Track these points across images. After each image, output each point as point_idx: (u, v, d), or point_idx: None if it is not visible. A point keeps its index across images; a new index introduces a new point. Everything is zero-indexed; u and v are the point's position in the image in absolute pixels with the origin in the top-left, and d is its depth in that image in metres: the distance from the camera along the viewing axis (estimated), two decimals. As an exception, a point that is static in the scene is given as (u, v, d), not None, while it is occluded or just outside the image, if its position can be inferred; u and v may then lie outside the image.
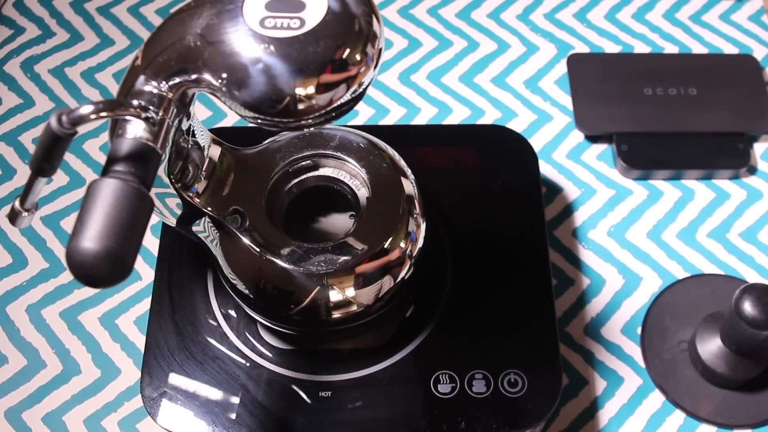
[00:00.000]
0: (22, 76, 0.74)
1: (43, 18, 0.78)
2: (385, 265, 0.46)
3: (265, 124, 0.34)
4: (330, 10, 0.32)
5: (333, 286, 0.45)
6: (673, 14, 0.77)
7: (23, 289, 0.63)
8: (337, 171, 0.49)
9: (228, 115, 0.72)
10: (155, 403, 0.49)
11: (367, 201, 0.48)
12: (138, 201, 0.29)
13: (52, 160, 0.31)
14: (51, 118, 0.30)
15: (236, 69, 0.32)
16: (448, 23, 0.77)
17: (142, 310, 0.62)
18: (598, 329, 0.61)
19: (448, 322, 0.51)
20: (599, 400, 0.58)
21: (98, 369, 0.59)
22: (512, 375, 0.49)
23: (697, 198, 0.67)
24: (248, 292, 0.47)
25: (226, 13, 0.32)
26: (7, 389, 0.59)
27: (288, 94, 0.32)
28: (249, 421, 0.48)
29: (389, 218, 0.46)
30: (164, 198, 0.41)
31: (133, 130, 0.32)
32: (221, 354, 0.50)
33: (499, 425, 0.48)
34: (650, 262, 0.64)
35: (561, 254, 0.64)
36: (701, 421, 0.57)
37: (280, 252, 0.45)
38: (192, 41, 0.33)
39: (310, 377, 0.49)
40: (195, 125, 0.42)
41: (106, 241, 0.28)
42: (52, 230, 0.66)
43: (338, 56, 0.32)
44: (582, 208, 0.66)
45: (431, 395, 0.49)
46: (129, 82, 0.35)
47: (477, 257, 0.53)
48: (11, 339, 0.61)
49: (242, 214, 0.45)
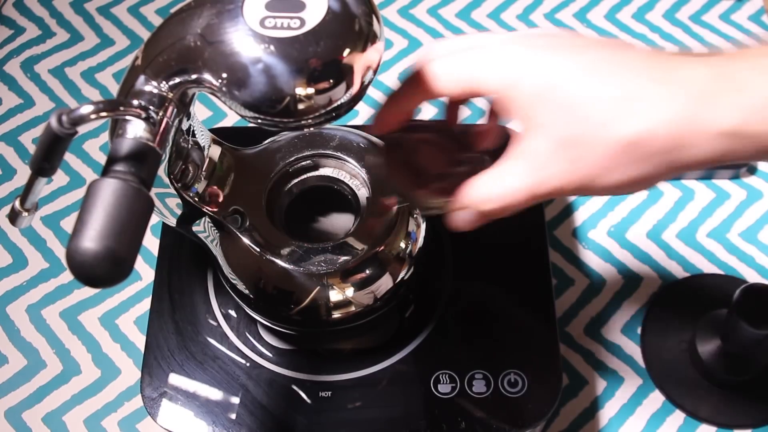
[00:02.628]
0: (22, 76, 0.74)
1: (43, 18, 0.78)
2: (385, 265, 0.46)
3: (265, 124, 0.34)
4: (330, 10, 0.32)
5: (333, 286, 0.45)
6: (673, 14, 0.77)
7: (23, 289, 0.63)
8: (337, 171, 0.49)
9: (228, 115, 0.72)
10: (155, 403, 0.49)
11: (367, 201, 0.48)
12: (138, 201, 0.29)
13: (52, 160, 0.31)
14: (51, 118, 0.30)
15: (236, 69, 0.32)
16: (448, 23, 0.77)
17: (142, 310, 0.62)
18: (598, 329, 0.61)
19: (448, 322, 0.51)
20: (599, 400, 0.58)
21: (98, 369, 0.59)
22: (512, 375, 0.49)
23: (697, 198, 0.67)
24: (248, 292, 0.47)
25: (226, 13, 0.32)
26: (7, 389, 0.59)
27: (288, 94, 0.32)
28: (249, 421, 0.48)
29: (389, 218, 0.46)
30: (164, 198, 0.41)
31: (133, 130, 0.32)
32: (221, 354, 0.50)
33: (499, 425, 0.48)
34: (650, 262, 0.64)
35: (561, 254, 0.64)
36: (701, 421, 0.57)
37: (280, 252, 0.45)
38: (192, 41, 0.33)
39: (310, 377, 0.49)
40: (195, 125, 0.42)
41: (106, 241, 0.28)
42: (52, 230, 0.66)
43: (338, 56, 0.32)
44: (582, 208, 0.66)
45: (431, 395, 0.49)
46: (129, 82, 0.35)
47: (477, 257, 0.53)
48: (11, 339, 0.61)
49: (242, 214, 0.45)
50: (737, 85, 0.32)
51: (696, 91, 0.32)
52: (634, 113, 0.33)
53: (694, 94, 0.32)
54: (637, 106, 0.33)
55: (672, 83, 0.33)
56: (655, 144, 0.33)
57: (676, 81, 0.33)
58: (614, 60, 0.34)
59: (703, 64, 0.33)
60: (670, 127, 0.32)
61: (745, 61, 0.32)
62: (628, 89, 0.33)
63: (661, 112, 0.32)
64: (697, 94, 0.32)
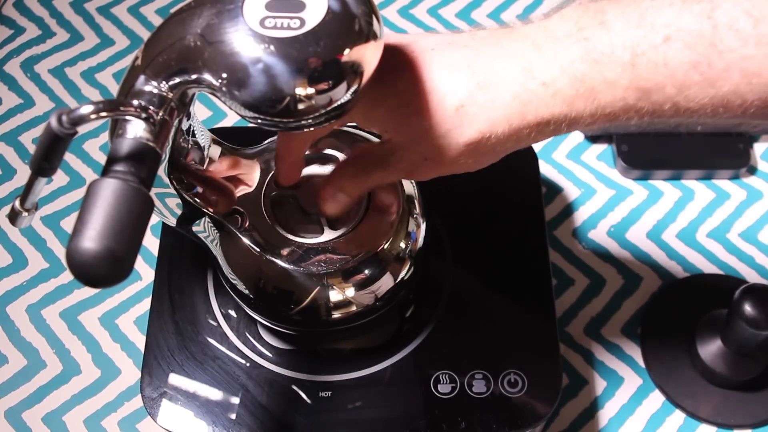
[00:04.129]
0: (22, 76, 0.74)
1: (43, 18, 0.78)
2: (385, 265, 0.46)
3: (265, 124, 0.34)
4: (330, 10, 0.32)
5: (333, 286, 0.45)
6: (673, 14, 0.77)
7: (23, 289, 0.63)
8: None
9: (228, 115, 0.72)
10: (155, 403, 0.49)
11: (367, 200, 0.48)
12: (138, 201, 0.29)
13: (52, 160, 0.31)
14: (51, 118, 0.30)
15: (236, 69, 0.32)
16: (448, 23, 0.77)
17: (142, 310, 0.62)
18: (598, 329, 0.61)
19: (448, 322, 0.51)
20: (599, 400, 0.58)
21: (98, 369, 0.59)
22: (512, 375, 0.49)
23: (697, 198, 0.67)
24: (248, 292, 0.47)
25: (226, 13, 0.32)
26: (7, 389, 0.59)
27: (288, 94, 0.32)
28: (249, 421, 0.48)
29: (389, 218, 0.46)
30: (164, 198, 0.41)
31: (133, 130, 0.32)
32: (221, 354, 0.50)
33: (499, 425, 0.48)
34: (650, 262, 0.64)
35: (561, 254, 0.64)
36: (701, 421, 0.57)
37: (280, 252, 0.45)
38: (192, 41, 0.33)
39: (310, 377, 0.49)
40: (195, 125, 0.42)
41: (106, 241, 0.28)
42: (52, 230, 0.66)
43: (338, 56, 0.32)
44: (582, 208, 0.66)
45: (431, 395, 0.49)
46: (129, 82, 0.35)
47: (477, 257, 0.53)
48: (11, 339, 0.61)
49: (242, 214, 0.45)
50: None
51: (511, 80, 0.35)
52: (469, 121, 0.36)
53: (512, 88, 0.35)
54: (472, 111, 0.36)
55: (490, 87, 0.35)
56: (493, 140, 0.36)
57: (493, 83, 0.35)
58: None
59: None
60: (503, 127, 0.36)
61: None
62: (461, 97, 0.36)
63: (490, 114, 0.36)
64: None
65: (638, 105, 0.34)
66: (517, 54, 0.35)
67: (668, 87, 0.32)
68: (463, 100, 0.35)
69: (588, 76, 0.33)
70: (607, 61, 0.33)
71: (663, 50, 0.32)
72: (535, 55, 0.35)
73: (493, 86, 0.35)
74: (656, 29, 0.32)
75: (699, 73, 0.32)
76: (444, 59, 0.36)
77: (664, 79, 0.32)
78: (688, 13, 0.31)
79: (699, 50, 0.31)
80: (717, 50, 0.31)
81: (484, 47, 0.36)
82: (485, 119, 0.35)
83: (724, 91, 0.32)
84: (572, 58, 0.34)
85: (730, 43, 0.31)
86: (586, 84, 0.34)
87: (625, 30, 0.32)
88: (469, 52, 0.36)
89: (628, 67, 0.32)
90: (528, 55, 0.35)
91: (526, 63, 0.35)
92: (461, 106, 0.35)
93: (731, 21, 0.30)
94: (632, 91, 0.33)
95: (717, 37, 0.31)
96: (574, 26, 0.34)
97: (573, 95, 0.34)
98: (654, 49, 0.32)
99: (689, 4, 0.31)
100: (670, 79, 0.32)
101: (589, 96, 0.34)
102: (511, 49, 0.36)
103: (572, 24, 0.34)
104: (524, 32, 0.36)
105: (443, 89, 0.36)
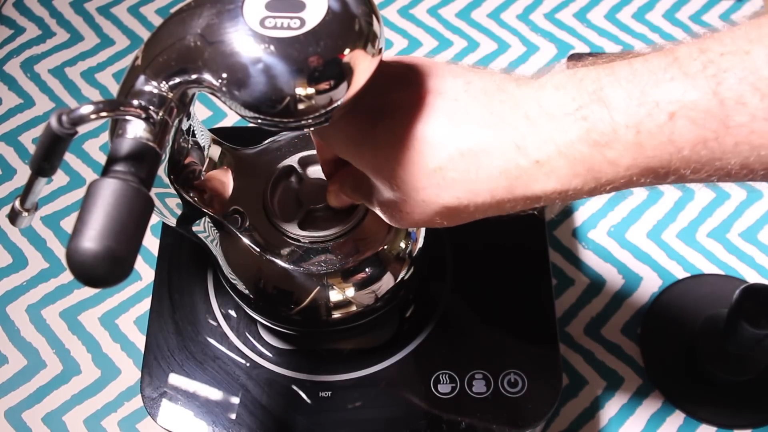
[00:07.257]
0: (22, 76, 0.74)
1: (43, 18, 0.78)
2: (385, 265, 0.46)
3: (265, 124, 0.34)
4: (330, 10, 0.32)
5: (333, 286, 0.45)
6: (673, 14, 0.77)
7: (23, 289, 0.63)
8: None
9: (228, 115, 0.72)
10: (155, 403, 0.49)
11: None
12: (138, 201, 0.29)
13: (52, 160, 0.31)
14: (51, 118, 0.30)
15: (236, 69, 0.31)
16: (448, 23, 0.77)
17: (142, 310, 0.62)
18: (598, 329, 0.61)
19: (448, 322, 0.51)
20: (599, 400, 0.58)
21: (98, 369, 0.59)
22: (512, 375, 0.49)
23: (697, 198, 0.67)
24: (248, 292, 0.47)
25: (226, 13, 0.32)
26: (7, 389, 0.59)
27: (288, 94, 0.31)
28: (249, 421, 0.48)
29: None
30: (164, 198, 0.41)
31: (133, 130, 0.32)
32: (221, 354, 0.50)
33: (499, 425, 0.48)
34: (650, 262, 0.64)
35: (561, 254, 0.64)
36: (701, 422, 0.57)
37: (280, 252, 0.45)
38: (192, 41, 0.33)
39: (310, 377, 0.49)
40: (195, 125, 0.42)
41: (106, 241, 0.28)
42: (52, 230, 0.66)
43: (338, 56, 0.32)
44: (582, 208, 0.66)
45: (431, 395, 0.49)
46: (129, 82, 0.35)
47: (477, 257, 0.53)
48: (11, 339, 0.61)
49: (242, 214, 0.45)
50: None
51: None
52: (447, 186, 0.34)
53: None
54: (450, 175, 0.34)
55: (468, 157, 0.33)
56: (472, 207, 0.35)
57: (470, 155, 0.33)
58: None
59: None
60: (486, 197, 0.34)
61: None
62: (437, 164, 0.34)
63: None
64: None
65: (641, 180, 0.32)
66: (509, 124, 0.33)
67: (674, 162, 0.31)
68: (442, 163, 0.33)
69: (588, 157, 0.32)
70: (610, 140, 0.31)
71: (669, 128, 0.30)
72: (529, 130, 0.32)
73: (478, 156, 0.33)
74: (660, 107, 0.30)
75: (707, 148, 0.30)
76: (431, 110, 0.34)
77: (670, 156, 0.31)
78: (692, 88, 0.30)
79: (707, 126, 0.30)
80: (725, 126, 0.30)
81: (475, 106, 0.34)
82: (464, 188, 0.33)
83: (731, 163, 0.30)
84: (570, 138, 0.32)
85: (739, 118, 0.29)
86: (585, 164, 0.32)
87: (626, 108, 0.31)
88: (458, 108, 0.34)
89: (632, 146, 0.31)
90: (521, 130, 0.32)
91: (519, 138, 0.32)
92: (439, 168, 0.33)
93: (738, 96, 0.29)
94: (636, 168, 0.32)
95: (724, 113, 0.29)
96: (570, 102, 0.32)
97: (570, 174, 0.32)
98: (659, 127, 0.30)
99: (692, 79, 0.30)
100: (676, 155, 0.31)
101: (588, 174, 0.32)
102: (502, 116, 0.33)
103: (569, 99, 0.32)
104: (516, 99, 0.33)
105: (422, 148, 0.33)
